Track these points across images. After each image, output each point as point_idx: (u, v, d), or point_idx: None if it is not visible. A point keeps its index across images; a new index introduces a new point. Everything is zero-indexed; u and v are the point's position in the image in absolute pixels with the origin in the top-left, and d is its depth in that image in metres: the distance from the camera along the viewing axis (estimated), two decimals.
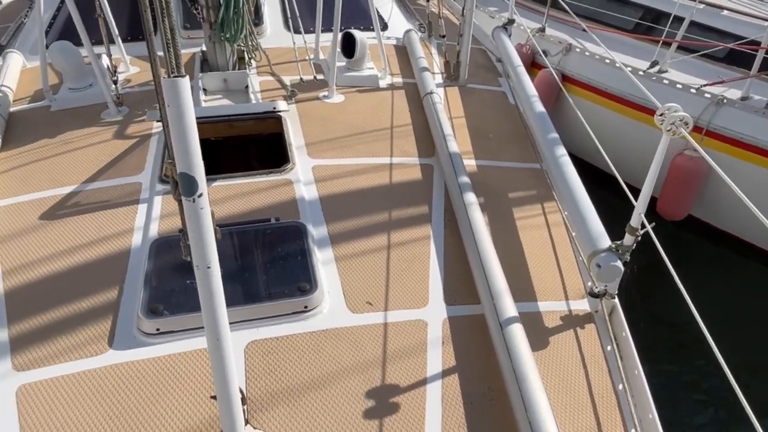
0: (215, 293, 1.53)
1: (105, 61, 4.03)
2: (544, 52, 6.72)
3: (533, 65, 6.87)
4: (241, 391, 1.76)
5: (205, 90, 3.82)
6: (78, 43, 3.64)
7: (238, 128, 3.58)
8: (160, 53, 1.36)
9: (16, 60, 4.24)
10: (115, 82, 3.63)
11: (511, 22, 4.86)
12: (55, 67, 3.80)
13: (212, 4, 3.63)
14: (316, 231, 2.78)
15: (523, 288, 2.60)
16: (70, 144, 3.37)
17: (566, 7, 5.05)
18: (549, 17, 6.79)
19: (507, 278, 2.42)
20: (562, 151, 3.06)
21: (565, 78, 6.51)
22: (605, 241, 2.34)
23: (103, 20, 3.58)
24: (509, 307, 2.27)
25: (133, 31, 4.38)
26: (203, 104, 3.69)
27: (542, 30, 6.78)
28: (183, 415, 2.01)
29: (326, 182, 3.11)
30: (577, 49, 6.46)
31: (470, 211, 2.77)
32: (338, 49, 4.00)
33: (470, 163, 3.42)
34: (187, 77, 1.35)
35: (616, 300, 2.45)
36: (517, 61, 4.12)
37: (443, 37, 4.50)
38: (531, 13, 7.72)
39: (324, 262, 2.62)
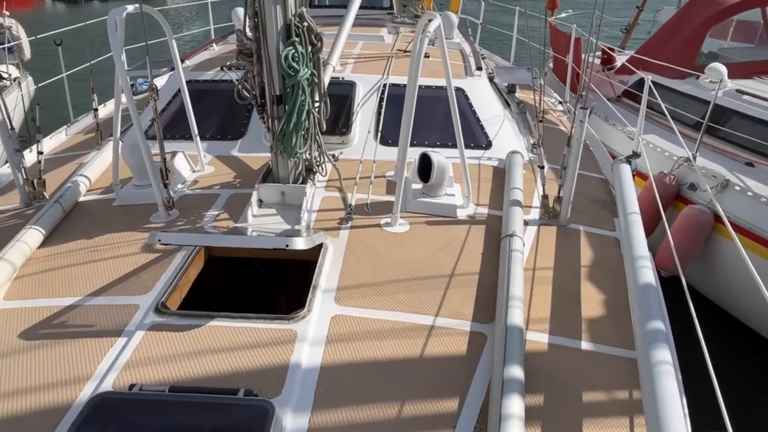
0: None
1: (179, 159, 3.95)
2: (692, 185, 5.64)
3: (678, 198, 5.80)
4: None
5: (261, 201, 3.50)
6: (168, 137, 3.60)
7: (275, 252, 3.15)
8: None
9: (109, 149, 4.33)
10: (166, 186, 3.44)
11: (635, 155, 3.98)
12: (124, 162, 3.75)
13: (276, 114, 3.35)
14: (291, 418, 2.12)
15: None
16: (103, 248, 3.16)
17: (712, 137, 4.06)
18: (702, 145, 5.71)
19: None
20: (663, 354, 2.14)
21: (717, 219, 5.34)
22: None
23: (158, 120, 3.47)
24: None
25: (216, 130, 4.31)
26: (251, 218, 3.35)
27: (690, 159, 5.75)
28: None
29: (341, 341, 2.49)
30: (737, 187, 5.29)
31: (506, 424, 1.96)
32: (413, 171, 3.48)
33: (539, 338, 2.59)
34: None
35: None
36: (632, 204, 3.21)
37: (542, 167, 3.71)
38: (684, 139, 6.69)
39: None
